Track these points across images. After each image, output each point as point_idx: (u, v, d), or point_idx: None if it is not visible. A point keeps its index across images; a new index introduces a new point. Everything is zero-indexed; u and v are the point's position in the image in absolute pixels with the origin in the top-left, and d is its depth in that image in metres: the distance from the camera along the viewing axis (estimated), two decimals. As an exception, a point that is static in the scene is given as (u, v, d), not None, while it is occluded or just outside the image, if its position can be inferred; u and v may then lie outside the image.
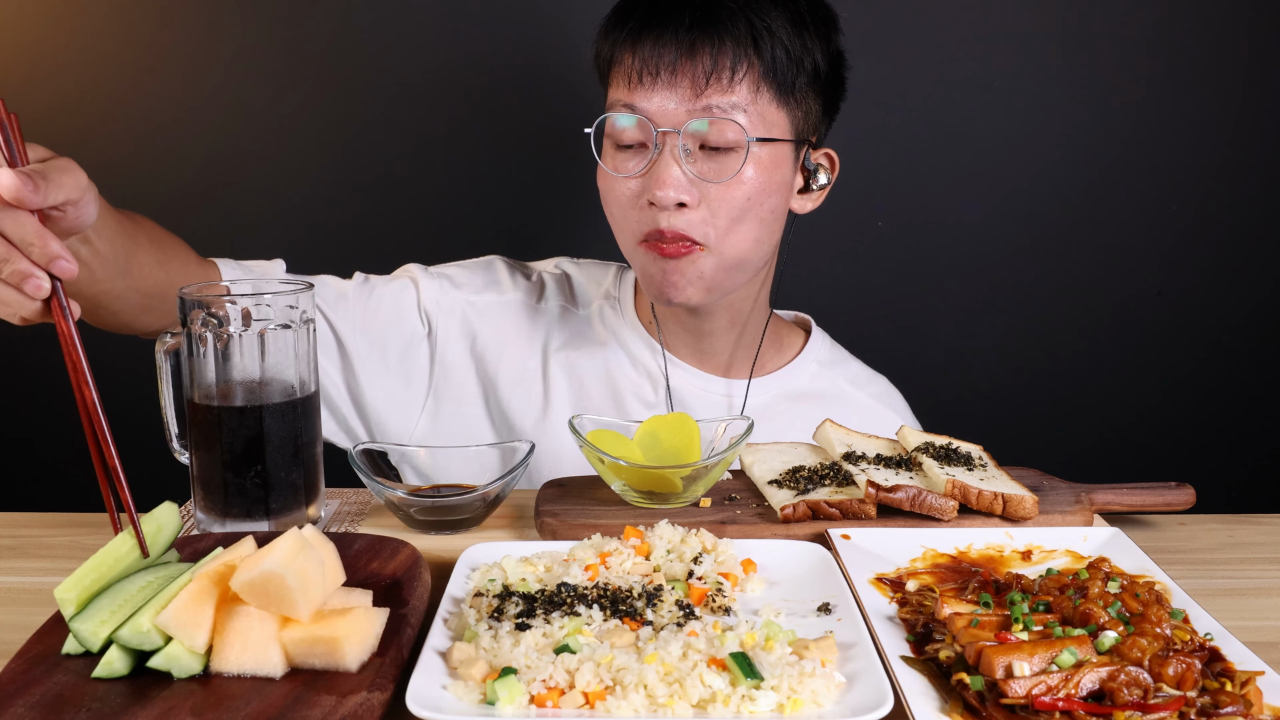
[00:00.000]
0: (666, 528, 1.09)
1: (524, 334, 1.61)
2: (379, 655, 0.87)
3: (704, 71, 1.38)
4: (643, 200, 1.42)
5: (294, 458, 1.16)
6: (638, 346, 1.61)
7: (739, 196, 1.41)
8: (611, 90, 1.45)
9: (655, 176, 1.39)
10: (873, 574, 1.05)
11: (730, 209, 1.41)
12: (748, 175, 1.41)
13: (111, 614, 0.89)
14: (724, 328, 1.58)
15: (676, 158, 1.39)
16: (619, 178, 1.44)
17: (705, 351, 1.60)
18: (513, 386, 1.60)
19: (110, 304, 1.28)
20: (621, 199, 1.44)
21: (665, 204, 1.39)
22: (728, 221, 1.41)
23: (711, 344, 1.60)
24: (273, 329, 1.15)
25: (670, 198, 1.38)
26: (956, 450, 1.28)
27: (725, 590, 1.00)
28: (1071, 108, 2.09)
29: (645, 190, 1.41)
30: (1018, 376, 2.19)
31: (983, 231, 2.14)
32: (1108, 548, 1.11)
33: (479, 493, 1.20)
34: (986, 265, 2.15)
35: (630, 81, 1.41)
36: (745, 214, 1.42)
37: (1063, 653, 0.84)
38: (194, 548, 1.06)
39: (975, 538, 1.13)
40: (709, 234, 1.41)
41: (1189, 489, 1.28)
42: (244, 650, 0.85)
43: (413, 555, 1.05)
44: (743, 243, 1.44)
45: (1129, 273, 2.16)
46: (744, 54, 1.38)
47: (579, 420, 1.25)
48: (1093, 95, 2.09)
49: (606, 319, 1.63)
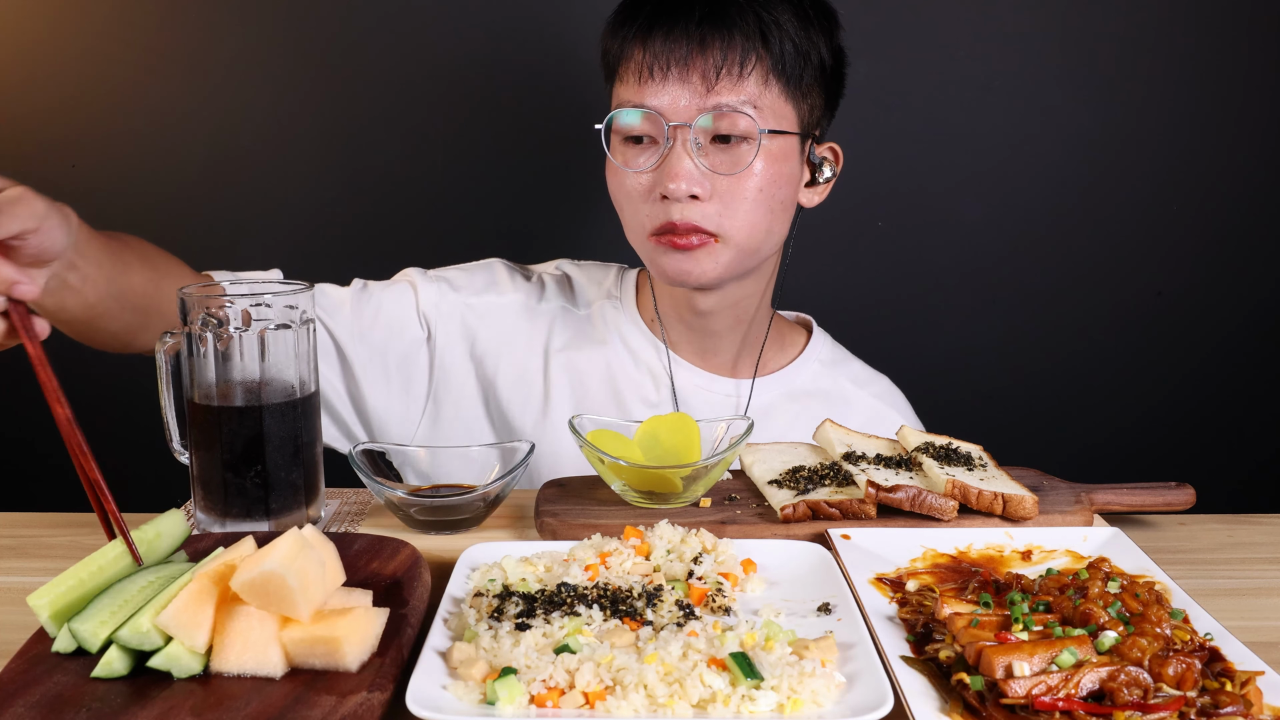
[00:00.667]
0: (666, 528, 1.09)
1: (524, 335, 1.61)
2: (379, 655, 0.87)
3: (715, 66, 1.39)
4: (655, 194, 1.43)
5: (294, 458, 1.16)
6: (641, 345, 1.61)
7: (750, 188, 1.43)
8: (620, 86, 1.46)
9: (668, 170, 1.41)
10: (873, 574, 1.05)
11: (742, 200, 1.42)
12: (758, 167, 1.42)
13: (111, 614, 0.89)
14: (729, 327, 1.58)
15: (689, 151, 1.40)
16: (630, 172, 1.45)
17: (709, 350, 1.61)
18: (512, 388, 1.60)
19: (107, 325, 1.29)
20: (632, 193, 1.45)
21: (678, 196, 1.40)
22: (740, 213, 1.43)
23: (716, 343, 1.60)
24: (272, 329, 1.15)
25: (683, 190, 1.40)
26: (956, 450, 1.28)
27: (725, 590, 1.00)
28: (1072, 107, 2.09)
29: (657, 184, 1.43)
30: (1018, 376, 2.19)
31: (983, 231, 2.14)
32: (1108, 548, 1.11)
33: (479, 493, 1.20)
34: (986, 265, 2.15)
35: (641, 76, 1.42)
36: (757, 204, 1.44)
37: (1063, 653, 0.84)
38: (194, 548, 1.06)
39: (975, 538, 1.13)
40: (722, 225, 1.43)
41: (1189, 489, 1.28)
42: (244, 650, 0.85)
43: (413, 555, 1.05)
44: (756, 232, 1.45)
45: (1129, 273, 2.16)
46: (753, 48, 1.40)
47: (579, 420, 1.25)
48: (1093, 95, 2.09)
49: (608, 318, 1.63)
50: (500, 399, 1.60)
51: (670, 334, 1.60)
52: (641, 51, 1.42)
